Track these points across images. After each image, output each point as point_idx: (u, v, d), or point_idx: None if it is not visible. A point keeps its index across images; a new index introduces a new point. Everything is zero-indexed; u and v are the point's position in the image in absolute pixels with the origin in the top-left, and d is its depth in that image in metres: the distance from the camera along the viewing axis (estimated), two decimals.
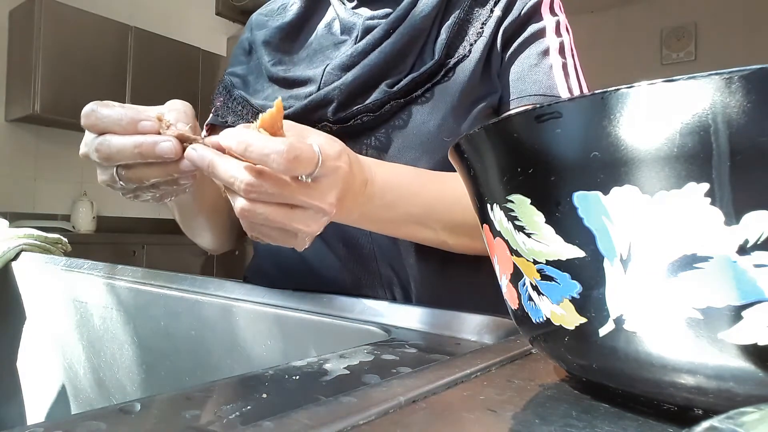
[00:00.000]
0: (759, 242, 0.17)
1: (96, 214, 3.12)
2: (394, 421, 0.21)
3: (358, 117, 0.56)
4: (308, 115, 0.57)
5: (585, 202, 0.20)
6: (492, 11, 0.59)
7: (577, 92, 0.58)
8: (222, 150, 0.36)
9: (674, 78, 0.18)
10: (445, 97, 0.56)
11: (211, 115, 0.70)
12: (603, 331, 0.21)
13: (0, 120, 2.95)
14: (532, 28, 0.59)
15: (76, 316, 0.69)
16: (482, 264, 0.58)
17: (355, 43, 0.60)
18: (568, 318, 0.22)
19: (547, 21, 0.60)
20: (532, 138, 0.21)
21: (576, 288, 0.21)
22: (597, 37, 4.05)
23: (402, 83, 0.56)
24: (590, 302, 0.21)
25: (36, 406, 0.77)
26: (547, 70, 0.58)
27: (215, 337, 0.54)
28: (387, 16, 0.60)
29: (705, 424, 0.15)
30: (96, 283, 0.67)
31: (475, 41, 0.58)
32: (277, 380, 0.28)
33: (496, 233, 0.25)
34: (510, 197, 0.23)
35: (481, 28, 0.58)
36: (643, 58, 3.82)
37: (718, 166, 0.17)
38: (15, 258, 0.81)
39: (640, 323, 0.20)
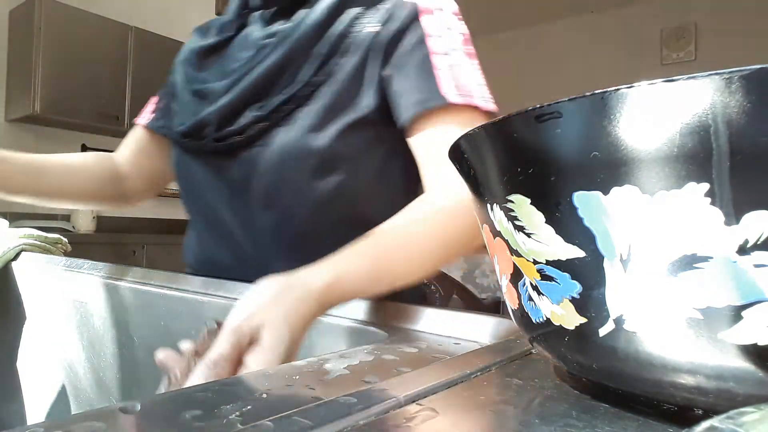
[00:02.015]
0: (759, 242, 0.17)
1: (96, 214, 3.12)
2: (394, 421, 0.21)
3: (229, 138, 0.63)
4: (196, 134, 0.65)
5: (585, 202, 0.20)
6: (368, 26, 0.61)
7: (472, 90, 0.57)
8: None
9: (674, 78, 0.17)
10: (307, 117, 0.60)
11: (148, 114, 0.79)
12: (603, 331, 0.21)
13: (0, 120, 2.95)
14: (411, 38, 0.59)
15: (76, 316, 0.69)
16: None
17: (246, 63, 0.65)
18: (568, 318, 0.22)
19: (426, 25, 0.59)
20: (532, 138, 0.21)
21: (576, 288, 0.21)
22: (597, 37, 4.05)
23: (266, 108, 0.61)
24: (590, 302, 0.21)
25: (36, 406, 0.77)
26: (428, 76, 0.57)
27: None
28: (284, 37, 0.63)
29: (705, 424, 0.15)
30: (96, 283, 0.67)
31: (345, 60, 0.60)
32: (277, 380, 0.28)
33: (496, 233, 0.25)
34: (510, 197, 0.23)
35: (356, 44, 0.60)
36: (643, 58, 3.82)
37: (718, 166, 0.17)
38: (15, 258, 0.81)
39: (640, 323, 0.20)
